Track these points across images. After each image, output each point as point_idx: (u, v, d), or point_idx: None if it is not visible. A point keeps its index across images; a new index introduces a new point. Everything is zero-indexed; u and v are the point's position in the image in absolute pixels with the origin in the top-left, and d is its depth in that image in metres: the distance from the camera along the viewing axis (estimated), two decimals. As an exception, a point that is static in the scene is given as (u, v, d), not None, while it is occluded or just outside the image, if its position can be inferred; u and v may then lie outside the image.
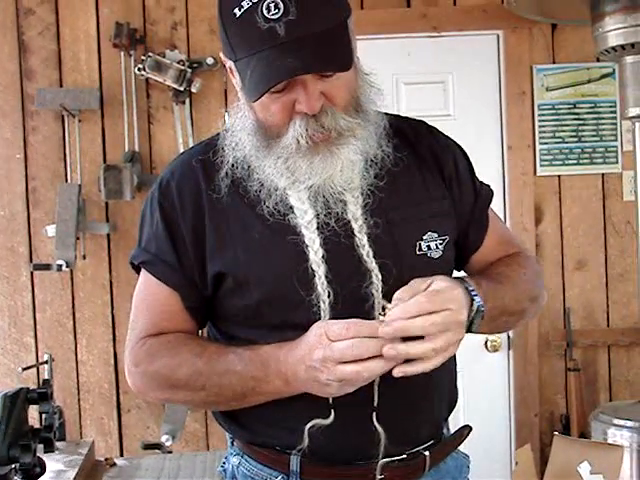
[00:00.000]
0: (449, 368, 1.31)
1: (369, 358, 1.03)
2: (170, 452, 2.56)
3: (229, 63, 1.15)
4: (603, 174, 2.97)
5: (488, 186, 1.37)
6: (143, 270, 1.25)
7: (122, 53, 2.83)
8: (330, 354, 1.03)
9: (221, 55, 1.18)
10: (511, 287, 1.23)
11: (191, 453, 2.58)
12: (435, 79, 2.96)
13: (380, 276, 1.15)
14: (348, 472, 1.21)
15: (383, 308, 1.08)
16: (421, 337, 1.03)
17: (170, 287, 1.22)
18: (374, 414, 1.17)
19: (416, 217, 1.21)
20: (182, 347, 1.19)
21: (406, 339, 1.03)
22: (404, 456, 1.23)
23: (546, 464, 2.14)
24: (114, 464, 2.19)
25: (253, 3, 1.05)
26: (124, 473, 2.14)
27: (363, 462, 1.20)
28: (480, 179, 1.35)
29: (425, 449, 1.26)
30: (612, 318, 2.98)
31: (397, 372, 1.05)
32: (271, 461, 1.23)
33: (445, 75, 2.96)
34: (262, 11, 1.04)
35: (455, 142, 1.34)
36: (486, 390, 2.97)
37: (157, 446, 2.62)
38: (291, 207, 1.18)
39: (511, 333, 2.98)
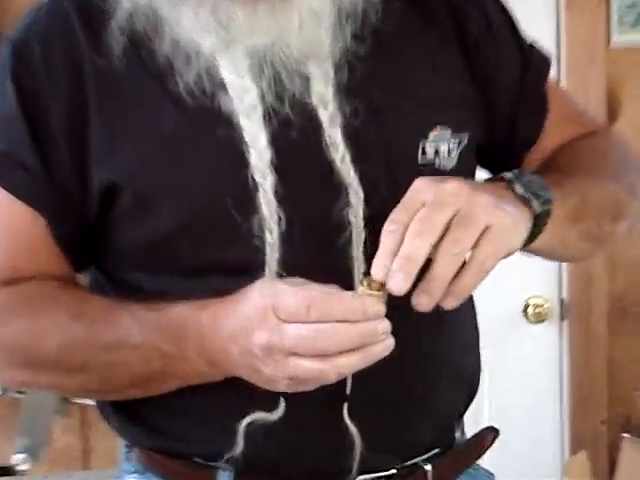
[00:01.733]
0: (463, 335, 1.10)
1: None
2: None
3: None
4: None
5: (542, 51, 1.14)
6: None
7: None
8: (279, 342, 0.79)
9: None
10: (589, 175, 1.04)
11: (62, 474, 2.22)
12: None
13: (362, 194, 0.93)
14: None
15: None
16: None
17: (31, 206, 0.98)
18: (345, 406, 0.96)
19: (417, 103, 0.99)
20: (49, 303, 0.97)
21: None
22: (394, 471, 1.02)
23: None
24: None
25: None
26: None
27: (329, 479, 0.98)
28: (529, 40, 1.13)
29: (426, 461, 1.05)
30: None
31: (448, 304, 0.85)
32: (187, 479, 1.03)
33: None
34: None
35: None
36: (525, 379, 2.45)
37: (7, 470, 2.10)
38: (222, 83, 0.95)
39: (565, 295, 2.42)
